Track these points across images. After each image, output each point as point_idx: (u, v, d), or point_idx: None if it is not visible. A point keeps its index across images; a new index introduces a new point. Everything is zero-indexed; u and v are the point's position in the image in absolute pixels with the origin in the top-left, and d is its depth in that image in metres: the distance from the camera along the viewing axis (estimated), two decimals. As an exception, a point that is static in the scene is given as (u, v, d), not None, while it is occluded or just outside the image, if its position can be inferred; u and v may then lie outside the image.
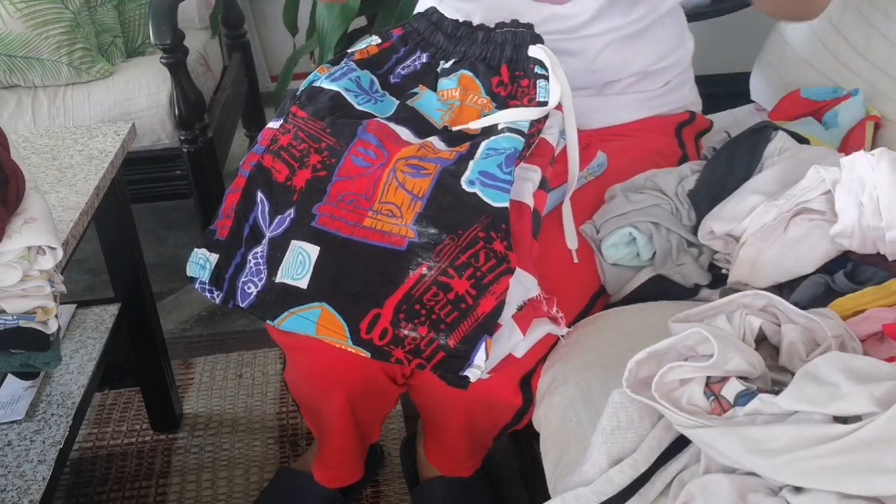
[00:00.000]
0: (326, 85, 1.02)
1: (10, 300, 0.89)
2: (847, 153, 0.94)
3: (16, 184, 0.90)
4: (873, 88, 1.23)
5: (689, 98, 1.31)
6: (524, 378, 1.02)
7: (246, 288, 0.92)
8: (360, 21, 1.96)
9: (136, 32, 2.04)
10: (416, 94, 1.04)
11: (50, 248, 0.89)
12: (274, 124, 1.01)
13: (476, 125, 0.99)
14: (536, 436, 1.00)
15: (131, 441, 1.58)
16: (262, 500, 1.38)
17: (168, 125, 1.90)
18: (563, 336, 1.00)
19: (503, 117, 0.97)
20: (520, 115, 0.96)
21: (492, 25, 1.04)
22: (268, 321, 0.94)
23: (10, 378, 1.28)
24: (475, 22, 1.07)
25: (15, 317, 0.90)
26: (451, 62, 1.03)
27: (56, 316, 0.93)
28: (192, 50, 1.93)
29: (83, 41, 1.86)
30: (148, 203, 2.03)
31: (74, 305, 1.47)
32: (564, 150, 1.04)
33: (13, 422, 1.22)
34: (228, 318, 1.92)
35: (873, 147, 1.13)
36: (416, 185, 0.92)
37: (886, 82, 1.22)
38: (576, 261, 1.06)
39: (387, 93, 1.04)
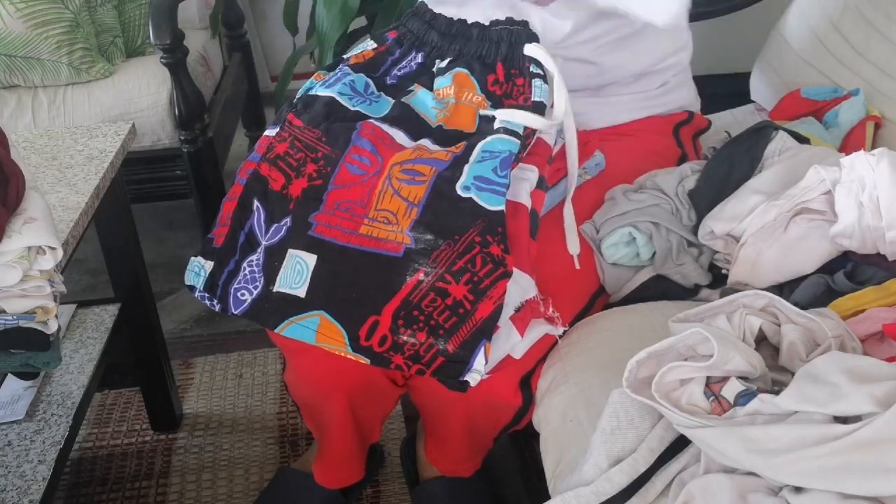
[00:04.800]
0: (321, 92, 1.01)
1: (10, 300, 0.89)
2: (847, 153, 0.94)
3: (16, 184, 0.90)
4: (873, 88, 1.23)
5: (687, 98, 1.30)
6: (524, 378, 1.02)
7: (239, 295, 0.92)
8: (360, 21, 1.96)
9: (136, 32, 2.04)
10: (411, 91, 1.04)
11: (50, 248, 0.89)
12: (270, 132, 1.01)
13: (496, 113, 0.97)
14: (536, 436, 1.00)
15: (131, 441, 1.58)
16: (262, 500, 1.38)
17: (168, 125, 1.90)
18: (560, 336, 1.00)
19: (512, 116, 0.96)
20: (526, 120, 0.96)
21: (486, 24, 1.04)
22: (268, 329, 0.94)
23: (10, 378, 1.28)
24: (469, 21, 1.06)
25: (15, 317, 0.90)
26: (446, 61, 1.03)
27: (56, 316, 0.93)
28: (192, 50, 1.92)
29: (83, 41, 1.86)
30: (148, 203, 2.03)
31: (74, 305, 1.47)
32: (562, 150, 1.04)
33: (13, 422, 1.22)
34: (228, 319, 1.92)
35: (873, 147, 1.13)
36: (412, 192, 0.92)
37: (886, 82, 1.22)
38: (577, 267, 1.06)
39: (382, 93, 1.04)
